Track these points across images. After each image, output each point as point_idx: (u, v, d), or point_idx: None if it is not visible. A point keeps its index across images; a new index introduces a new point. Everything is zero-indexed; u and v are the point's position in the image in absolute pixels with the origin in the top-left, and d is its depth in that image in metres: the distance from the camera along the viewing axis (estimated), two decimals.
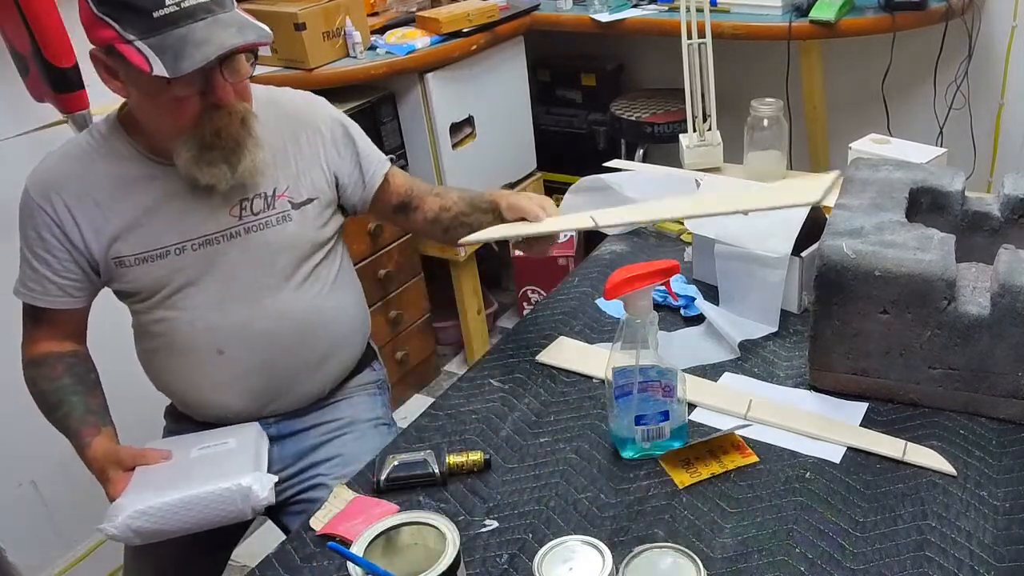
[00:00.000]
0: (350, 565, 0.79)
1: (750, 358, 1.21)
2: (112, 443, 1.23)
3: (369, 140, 1.41)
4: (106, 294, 1.33)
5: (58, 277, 1.25)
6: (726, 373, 1.20)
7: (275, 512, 1.44)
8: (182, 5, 1.09)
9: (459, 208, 1.38)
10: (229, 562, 1.46)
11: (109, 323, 1.39)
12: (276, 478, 1.20)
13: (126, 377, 1.40)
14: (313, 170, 1.31)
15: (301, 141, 1.31)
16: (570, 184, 1.58)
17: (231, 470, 1.17)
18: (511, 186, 2.67)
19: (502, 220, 1.28)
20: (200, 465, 1.20)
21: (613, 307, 1.34)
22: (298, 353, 1.31)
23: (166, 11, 1.08)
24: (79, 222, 1.23)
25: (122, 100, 1.24)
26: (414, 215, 1.43)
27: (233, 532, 1.44)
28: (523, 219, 1.24)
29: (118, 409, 1.31)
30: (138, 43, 1.09)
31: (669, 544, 0.80)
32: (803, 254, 1.23)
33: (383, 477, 1.06)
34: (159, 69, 1.08)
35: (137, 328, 1.34)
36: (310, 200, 1.31)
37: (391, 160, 1.44)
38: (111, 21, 1.09)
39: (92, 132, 1.27)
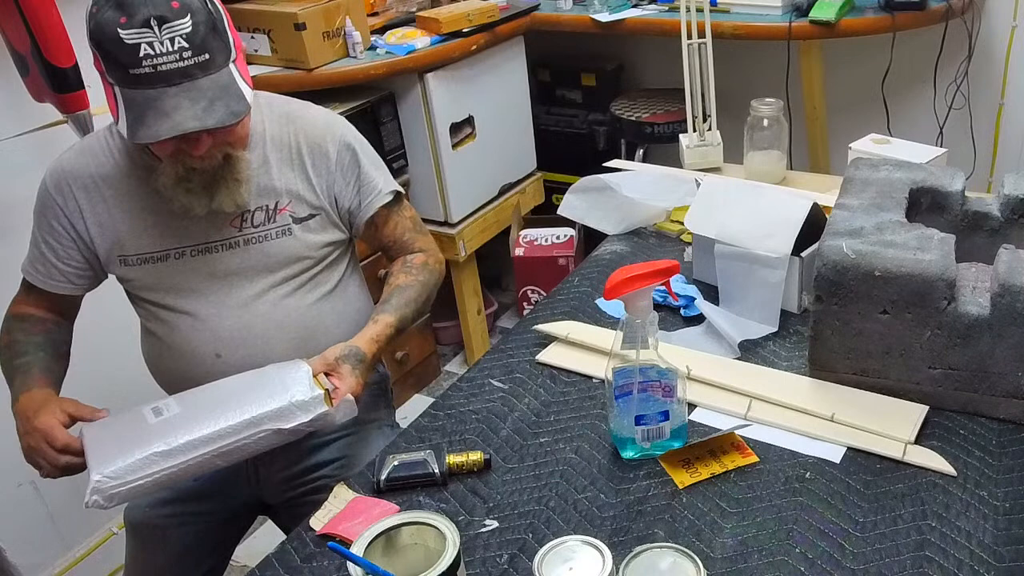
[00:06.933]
0: (350, 565, 0.79)
1: (750, 358, 1.21)
2: (52, 397, 1.22)
3: (380, 167, 1.38)
4: (111, 292, 1.34)
5: (62, 264, 1.30)
6: None
7: (278, 512, 1.44)
8: (158, 68, 1.07)
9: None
10: (229, 562, 1.46)
11: (112, 322, 1.39)
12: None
13: (128, 376, 1.40)
14: (316, 189, 1.31)
15: (307, 160, 1.31)
16: (570, 184, 1.59)
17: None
18: (511, 186, 2.67)
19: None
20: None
21: (613, 307, 1.34)
22: (295, 358, 1.31)
23: (141, 71, 1.07)
24: (86, 216, 1.27)
25: None
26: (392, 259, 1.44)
27: (233, 532, 1.44)
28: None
29: (118, 407, 1.31)
30: (116, 89, 1.10)
31: (669, 544, 0.80)
32: (803, 254, 1.23)
33: (383, 477, 1.06)
34: (121, 125, 1.11)
35: (142, 324, 1.36)
36: (312, 216, 1.32)
37: (398, 192, 1.39)
38: (100, 58, 1.10)
39: (111, 129, 1.29)
